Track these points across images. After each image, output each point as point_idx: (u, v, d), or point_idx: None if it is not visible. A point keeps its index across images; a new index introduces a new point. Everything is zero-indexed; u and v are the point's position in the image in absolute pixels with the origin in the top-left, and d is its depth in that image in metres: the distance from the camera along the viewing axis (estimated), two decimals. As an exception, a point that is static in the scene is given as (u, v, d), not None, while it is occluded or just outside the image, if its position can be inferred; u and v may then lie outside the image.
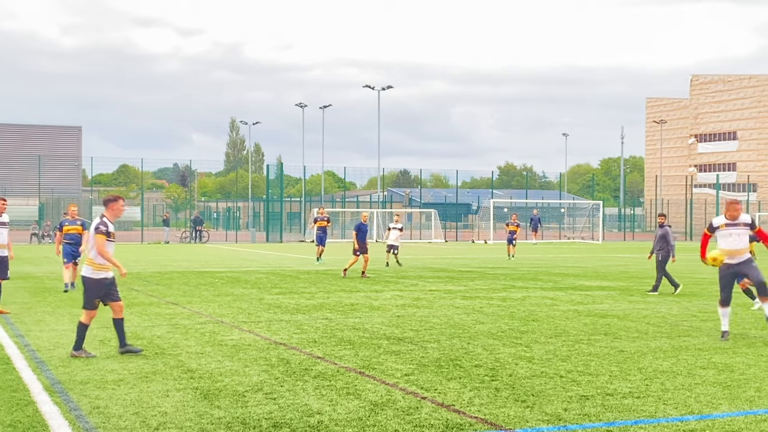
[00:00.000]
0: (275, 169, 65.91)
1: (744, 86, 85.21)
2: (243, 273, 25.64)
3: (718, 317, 14.68)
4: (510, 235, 36.25)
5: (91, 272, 10.44)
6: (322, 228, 31.11)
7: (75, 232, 19.17)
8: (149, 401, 8.04)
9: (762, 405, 7.93)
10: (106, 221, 10.51)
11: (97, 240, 10.33)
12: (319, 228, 30.91)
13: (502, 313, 15.27)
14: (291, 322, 13.89)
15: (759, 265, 12.87)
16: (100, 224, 10.41)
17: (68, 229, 19.16)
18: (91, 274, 10.44)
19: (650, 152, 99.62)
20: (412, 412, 7.60)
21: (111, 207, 10.67)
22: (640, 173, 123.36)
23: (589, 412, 7.62)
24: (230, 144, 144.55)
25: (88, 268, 10.45)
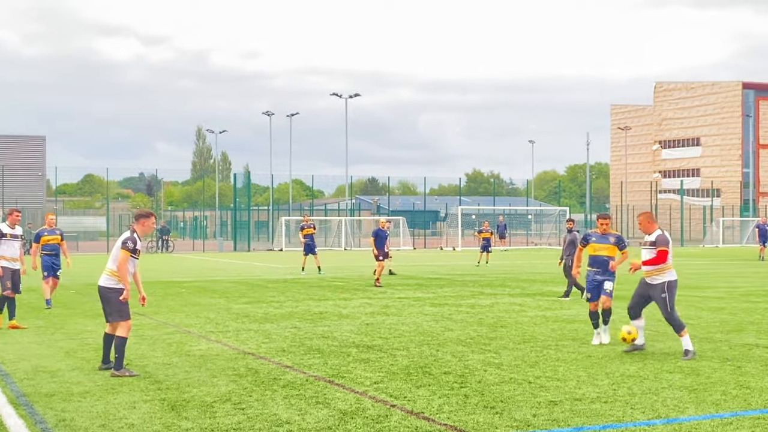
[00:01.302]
0: (242, 177, 65.60)
1: (707, 93, 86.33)
2: (210, 282, 25.48)
3: (684, 321, 14.82)
4: (485, 242, 36.29)
5: (115, 283, 9.97)
6: (309, 236, 30.84)
7: (54, 242, 17.88)
8: (116, 413, 7.95)
9: (728, 408, 8.02)
10: (136, 237, 10.06)
11: (121, 255, 9.90)
12: (306, 236, 30.67)
13: (471, 319, 15.31)
14: (259, 332, 13.83)
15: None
16: (128, 239, 9.97)
17: (47, 240, 17.76)
18: (114, 285, 9.97)
19: (615, 159, 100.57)
20: (381, 420, 7.59)
21: (143, 223, 10.21)
22: (605, 179, 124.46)
23: (558, 418, 7.66)
24: (197, 153, 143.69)
25: (111, 279, 9.99)
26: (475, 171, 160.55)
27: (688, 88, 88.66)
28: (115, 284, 10.01)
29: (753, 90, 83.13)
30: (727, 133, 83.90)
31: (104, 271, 10.12)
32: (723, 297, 19.73)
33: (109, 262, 10.12)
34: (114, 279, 10.02)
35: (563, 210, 64.68)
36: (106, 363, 10.13)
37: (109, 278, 10.07)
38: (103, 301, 10.17)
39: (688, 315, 15.85)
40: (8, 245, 14.83)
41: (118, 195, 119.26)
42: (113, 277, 10.03)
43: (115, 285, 10.01)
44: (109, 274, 10.07)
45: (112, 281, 10.03)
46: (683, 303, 18.16)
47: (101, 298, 10.15)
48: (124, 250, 9.95)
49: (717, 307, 17.28)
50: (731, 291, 21.51)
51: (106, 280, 10.08)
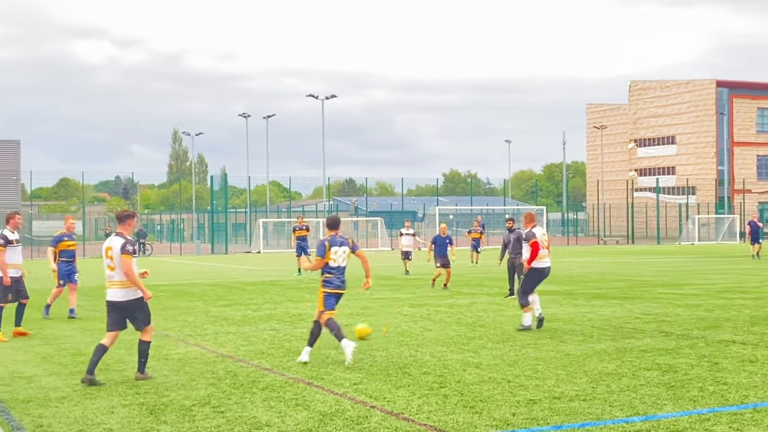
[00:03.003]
0: (219, 179, 65.49)
1: (681, 91, 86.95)
2: (188, 285, 25.36)
3: (662, 318, 14.96)
4: (474, 242, 36.34)
5: (133, 293, 9.61)
6: (302, 237, 30.63)
7: (73, 248, 16.91)
8: (94, 418, 7.90)
9: (705, 404, 8.08)
10: (131, 239, 9.77)
11: (126, 261, 9.55)
12: (298, 238, 30.47)
13: (450, 319, 15.33)
14: (238, 334, 13.77)
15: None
16: (127, 244, 9.60)
17: (67, 245, 16.68)
18: (134, 295, 9.62)
19: (591, 157, 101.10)
20: (361, 422, 7.59)
21: (130, 224, 9.88)
22: (582, 178, 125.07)
23: (537, 416, 7.69)
24: (173, 155, 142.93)
25: (129, 291, 9.60)
26: (453, 171, 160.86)
27: (663, 87, 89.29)
28: (135, 294, 9.63)
29: (727, 88, 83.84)
30: (701, 131, 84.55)
31: (114, 285, 9.61)
32: (699, 294, 19.89)
33: (116, 275, 9.61)
34: (132, 289, 9.62)
35: (540, 209, 64.94)
36: (91, 374, 9.59)
37: (128, 290, 9.61)
38: (127, 314, 9.70)
39: (665, 312, 15.98)
40: (13, 252, 14.17)
41: (94, 199, 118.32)
42: (130, 287, 9.61)
43: (136, 295, 9.63)
44: (126, 286, 9.60)
45: (132, 292, 9.62)
46: (661, 300, 18.31)
47: (123, 312, 9.66)
48: (127, 255, 9.57)
49: (693, 304, 17.42)
50: (707, 288, 21.69)
51: (126, 293, 9.60)
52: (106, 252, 9.71)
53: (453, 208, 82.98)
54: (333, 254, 11.02)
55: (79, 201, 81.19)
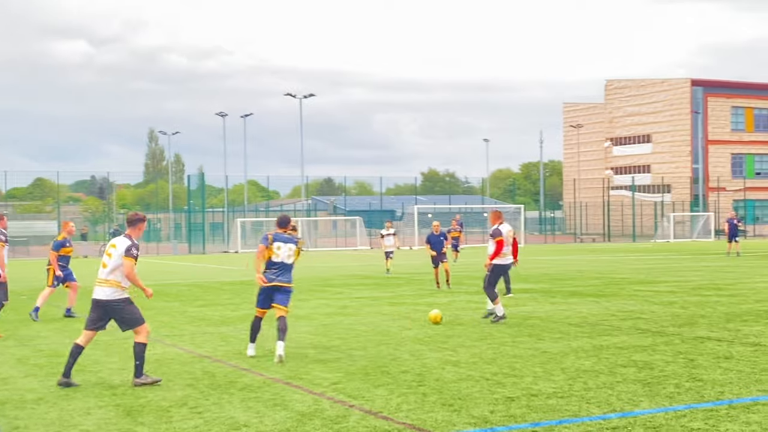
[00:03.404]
0: (196, 179, 65.11)
1: (657, 90, 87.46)
2: (165, 286, 25.23)
3: (637, 316, 15.07)
4: (454, 241, 36.34)
5: (120, 293, 9.54)
6: None
7: (70, 253, 17.20)
8: (70, 420, 7.85)
9: (681, 401, 8.15)
10: (137, 243, 9.71)
11: (128, 264, 9.48)
12: None
13: (428, 318, 15.34)
14: (215, 335, 13.73)
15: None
16: (132, 247, 9.54)
17: (68, 251, 17.01)
18: (120, 294, 9.54)
19: (568, 156, 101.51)
20: (340, 421, 7.59)
21: (140, 227, 9.84)
22: (559, 177, 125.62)
23: (515, 414, 7.72)
24: (149, 155, 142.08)
25: (111, 290, 9.51)
26: (431, 170, 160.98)
27: (638, 86, 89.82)
28: (120, 295, 9.56)
29: (702, 87, 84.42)
30: (676, 129, 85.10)
31: (101, 283, 9.56)
32: (674, 291, 20.05)
33: (105, 273, 9.56)
34: (118, 289, 9.54)
35: (518, 207, 65.21)
36: (67, 377, 9.50)
37: (113, 290, 9.54)
38: (110, 315, 9.60)
39: (641, 309, 16.10)
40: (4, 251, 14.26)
41: (70, 198, 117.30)
42: (116, 287, 9.54)
43: (121, 295, 9.56)
44: (112, 285, 9.54)
45: (118, 292, 9.55)
46: (637, 297, 18.44)
47: (105, 312, 9.58)
48: (130, 258, 9.50)
49: (669, 301, 17.56)
50: (682, 285, 21.86)
51: (111, 292, 9.54)
52: (108, 249, 9.69)
53: (431, 206, 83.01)
54: (276, 249, 11.22)
55: (54, 201, 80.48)
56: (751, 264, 31.34)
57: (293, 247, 11.32)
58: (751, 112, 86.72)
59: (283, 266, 11.25)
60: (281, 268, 11.23)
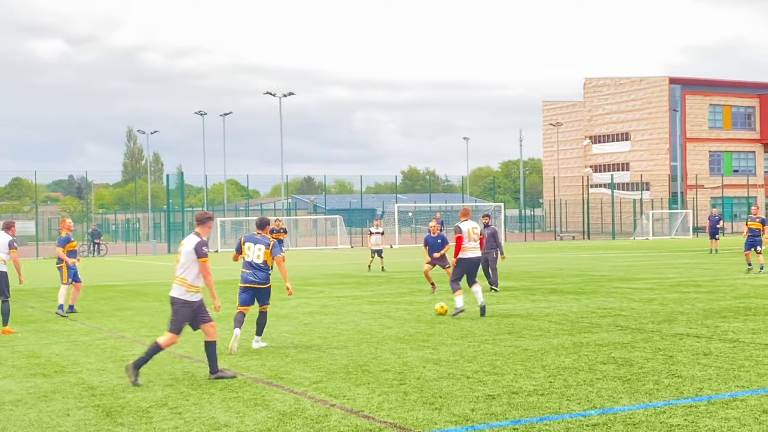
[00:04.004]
0: (176, 178, 64.65)
1: (635, 89, 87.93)
2: (144, 286, 25.10)
3: (617, 313, 15.14)
4: None
5: (183, 293, 9.57)
6: (280, 240, 30.46)
7: (76, 248, 18.06)
8: (49, 421, 7.79)
9: (661, 398, 8.19)
10: (205, 240, 9.73)
11: (205, 265, 9.57)
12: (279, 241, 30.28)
13: (409, 317, 15.37)
14: (195, 335, 13.60)
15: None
16: (202, 245, 9.60)
17: (73, 246, 17.73)
18: (182, 295, 9.57)
19: (548, 154, 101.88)
20: (321, 420, 7.57)
21: (209, 225, 9.91)
22: (538, 175, 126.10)
23: (496, 411, 7.73)
24: (128, 154, 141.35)
25: (180, 289, 9.57)
26: (411, 168, 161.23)
27: (617, 84, 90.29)
28: (183, 295, 9.57)
29: (680, 85, 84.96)
30: (654, 127, 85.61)
31: (174, 281, 9.67)
32: (653, 288, 20.17)
33: (178, 270, 9.62)
34: (183, 289, 9.57)
35: (498, 205, 65.38)
36: (215, 372, 9.68)
37: (179, 288, 9.60)
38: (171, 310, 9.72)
39: (620, 306, 16.18)
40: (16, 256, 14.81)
41: (47, 198, 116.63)
42: (183, 286, 9.58)
43: (183, 296, 9.57)
44: (180, 283, 9.59)
45: (182, 290, 9.59)
46: (616, 294, 18.53)
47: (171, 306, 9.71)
48: (205, 258, 9.57)
49: (648, 298, 17.66)
50: (661, 282, 22.00)
51: (177, 290, 9.62)
52: (179, 247, 9.83)
53: (412, 205, 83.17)
54: (247, 249, 11.82)
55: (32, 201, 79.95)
56: (729, 261, 31.58)
57: (262, 248, 11.74)
58: (729, 110, 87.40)
59: (255, 266, 11.74)
60: (253, 267, 11.75)
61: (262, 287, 11.79)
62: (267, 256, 11.74)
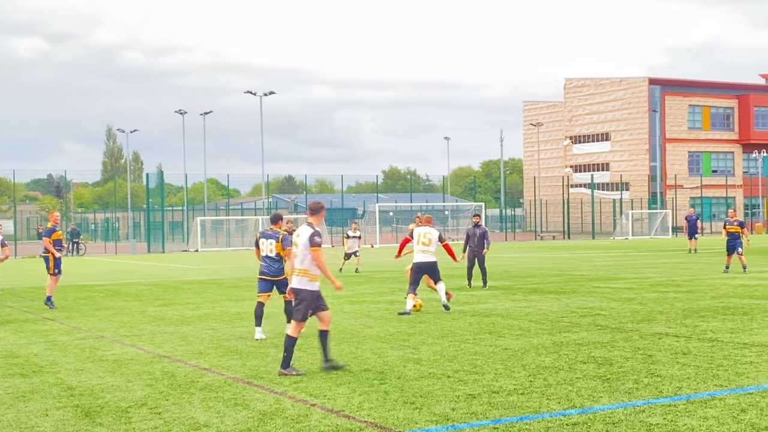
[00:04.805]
0: (155, 177, 64.32)
1: (615, 89, 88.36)
2: (123, 285, 24.96)
3: (597, 312, 15.21)
4: None
5: (306, 283, 9.83)
6: None
7: (61, 238, 19.03)
8: (27, 421, 7.72)
9: (640, 396, 8.23)
10: (319, 231, 10.00)
11: (317, 254, 9.76)
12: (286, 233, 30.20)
13: (390, 316, 15.36)
14: (175, 334, 13.60)
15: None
16: (315, 235, 9.85)
17: (58, 235, 18.72)
18: (306, 285, 9.83)
19: (528, 154, 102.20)
20: (301, 420, 7.55)
21: (321, 214, 10.18)
22: (519, 175, 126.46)
23: (476, 411, 7.74)
24: (107, 153, 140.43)
25: (303, 279, 9.83)
26: (392, 168, 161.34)
27: (597, 85, 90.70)
28: (306, 285, 9.85)
29: (659, 86, 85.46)
30: (634, 128, 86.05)
31: (296, 272, 9.93)
32: (633, 287, 20.28)
33: (297, 263, 9.89)
34: (306, 279, 9.85)
35: (479, 205, 65.57)
36: (328, 361, 9.97)
37: (301, 279, 9.87)
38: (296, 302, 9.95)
39: (600, 306, 16.26)
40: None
41: (26, 197, 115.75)
42: (305, 276, 9.85)
43: (307, 286, 9.85)
44: (302, 274, 9.87)
45: (305, 281, 9.86)
46: (596, 294, 18.62)
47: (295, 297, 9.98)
48: (315, 247, 9.77)
49: (627, 298, 17.74)
50: (641, 281, 22.12)
51: (300, 281, 9.88)
52: (294, 239, 10.05)
53: (393, 204, 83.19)
54: (261, 245, 12.92)
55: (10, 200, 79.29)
56: (708, 261, 31.80)
57: (273, 242, 12.76)
58: (708, 111, 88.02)
59: (269, 259, 12.81)
60: (267, 260, 12.82)
61: (276, 279, 12.78)
62: (279, 248, 12.66)
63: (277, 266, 12.72)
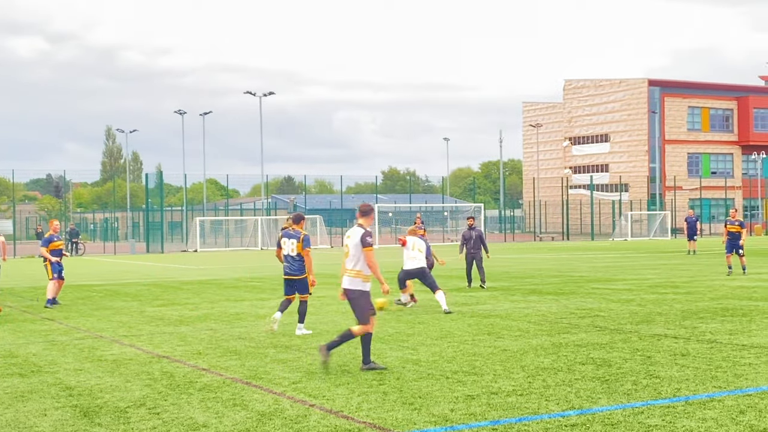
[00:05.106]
0: (155, 177, 64.26)
1: (614, 90, 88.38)
2: (122, 285, 24.96)
3: (596, 313, 15.21)
4: None
5: (360, 284, 9.97)
6: None
7: (61, 247, 19.39)
8: (26, 421, 7.72)
9: (639, 398, 8.23)
10: (370, 231, 10.15)
11: (369, 254, 9.93)
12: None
13: (389, 317, 15.36)
14: (174, 334, 13.60)
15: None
16: (367, 236, 10.01)
17: (57, 245, 19.14)
18: (359, 286, 9.97)
19: (527, 155, 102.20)
20: (300, 421, 7.55)
21: (371, 216, 10.38)
22: (518, 176, 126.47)
23: (475, 412, 7.74)
24: (106, 153, 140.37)
25: (356, 280, 9.97)
26: (391, 169, 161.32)
27: (597, 86, 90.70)
28: (358, 285, 9.96)
29: (659, 87, 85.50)
30: (634, 129, 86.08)
31: (345, 273, 10.05)
32: (632, 289, 20.28)
33: (349, 264, 10.00)
34: (358, 279, 9.97)
35: (478, 206, 65.54)
36: (367, 363, 10.02)
37: (352, 280, 10.00)
38: (351, 304, 10.09)
39: (599, 307, 16.26)
40: None
41: (25, 197, 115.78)
42: (358, 277, 9.97)
43: (358, 286, 9.96)
44: (352, 275, 10.00)
45: (357, 282, 9.97)
46: (595, 295, 18.62)
47: (349, 300, 10.10)
48: (369, 248, 9.94)
49: (626, 299, 17.74)
50: (640, 283, 22.12)
51: (349, 282, 10.01)
52: (346, 241, 10.18)
53: (392, 205, 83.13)
54: (282, 244, 13.24)
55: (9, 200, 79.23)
56: (707, 262, 31.81)
57: (294, 241, 13.15)
58: (707, 113, 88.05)
59: (291, 259, 13.16)
60: (290, 260, 13.18)
61: (296, 278, 13.12)
62: (299, 248, 13.05)
63: (298, 265, 13.09)
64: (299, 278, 13.11)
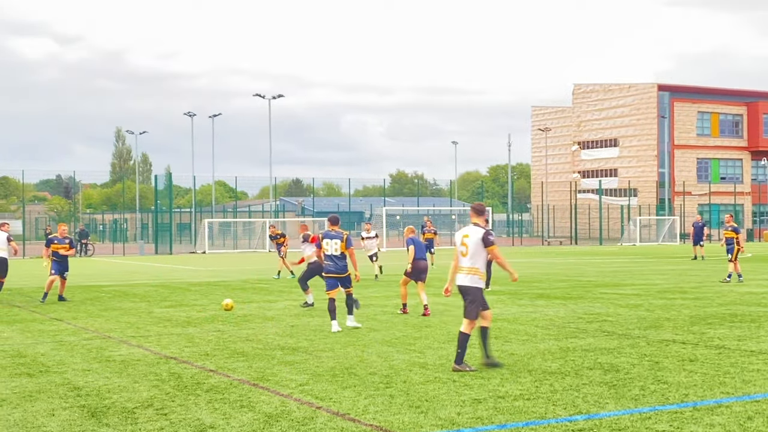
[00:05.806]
0: (164, 179, 64.39)
1: (624, 95, 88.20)
2: (131, 286, 25.01)
3: (604, 318, 15.18)
4: (428, 243, 35.60)
5: (476, 281, 10.19)
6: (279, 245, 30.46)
7: (63, 250, 20.12)
8: (34, 421, 7.75)
9: (646, 403, 8.21)
10: (491, 230, 10.39)
11: (496, 251, 10.18)
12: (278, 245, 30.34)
13: (396, 320, 15.36)
14: (182, 336, 13.63)
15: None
16: (488, 234, 10.24)
17: (57, 248, 20.05)
18: (476, 283, 10.19)
19: (536, 159, 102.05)
20: (307, 423, 7.56)
21: (485, 216, 10.63)
22: (527, 180, 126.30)
23: (482, 415, 7.74)
24: (116, 154, 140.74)
25: (474, 278, 10.18)
26: (399, 172, 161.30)
27: (606, 90, 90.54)
28: (475, 283, 10.17)
29: (668, 92, 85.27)
30: (643, 134, 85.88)
31: (461, 270, 10.25)
32: (640, 294, 20.23)
33: (464, 261, 10.19)
34: (477, 277, 10.18)
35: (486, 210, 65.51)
36: (488, 357, 10.27)
37: (471, 277, 10.18)
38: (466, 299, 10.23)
39: (607, 312, 16.23)
40: None
41: (35, 198, 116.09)
42: (476, 274, 10.18)
43: (476, 284, 10.17)
44: (470, 272, 10.18)
45: (476, 279, 10.18)
46: (603, 300, 18.58)
47: (464, 296, 10.23)
48: (493, 246, 10.16)
49: (635, 304, 17.70)
50: (648, 288, 22.07)
51: (469, 279, 10.19)
52: (462, 239, 10.31)
53: (400, 208, 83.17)
54: (325, 245, 13.95)
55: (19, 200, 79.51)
56: (716, 268, 31.71)
57: (338, 242, 13.85)
58: (717, 118, 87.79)
59: (335, 258, 13.85)
60: (333, 259, 13.86)
61: (341, 276, 13.91)
62: (343, 247, 13.82)
63: (342, 264, 13.86)
64: (344, 275, 13.93)
